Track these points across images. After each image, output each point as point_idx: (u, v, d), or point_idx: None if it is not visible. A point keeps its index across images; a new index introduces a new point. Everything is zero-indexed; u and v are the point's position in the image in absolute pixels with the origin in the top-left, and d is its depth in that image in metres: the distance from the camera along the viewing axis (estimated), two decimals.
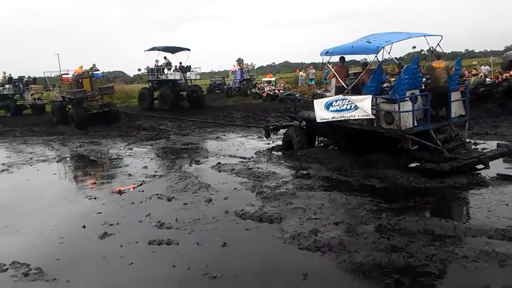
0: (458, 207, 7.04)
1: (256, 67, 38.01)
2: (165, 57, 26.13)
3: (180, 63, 26.29)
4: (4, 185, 10.42)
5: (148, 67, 26.46)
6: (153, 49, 25.38)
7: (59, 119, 21.97)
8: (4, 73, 29.40)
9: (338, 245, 5.30)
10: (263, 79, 32.03)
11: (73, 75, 21.44)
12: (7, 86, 28.97)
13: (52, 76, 23.22)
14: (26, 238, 6.59)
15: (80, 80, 20.89)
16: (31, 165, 12.26)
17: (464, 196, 7.20)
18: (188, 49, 25.72)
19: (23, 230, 6.94)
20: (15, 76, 29.45)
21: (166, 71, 25.57)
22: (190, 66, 26.16)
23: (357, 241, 5.44)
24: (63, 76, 21.80)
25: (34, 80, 29.33)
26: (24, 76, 29.74)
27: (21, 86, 28.91)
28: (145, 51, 25.54)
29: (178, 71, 25.84)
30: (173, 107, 24.47)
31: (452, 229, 5.58)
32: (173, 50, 26.21)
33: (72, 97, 20.79)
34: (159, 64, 26.01)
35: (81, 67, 22.24)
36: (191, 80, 26.56)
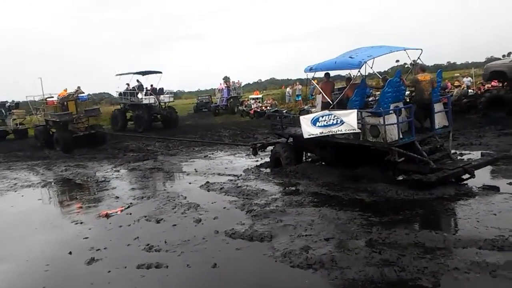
0: (447, 218, 7.08)
1: (242, 84, 38.26)
2: (137, 80, 26.34)
3: (151, 85, 26.58)
4: None
5: (118, 90, 26.65)
6: (127, 73, 25.87)
7: (43, 143, 21.69)
8: None
9: (330, 262, 5.26)
10: (250, 97, 32.20)
11: (57, 98, 21.27)
12: None
13: (36, 100, 23.00)
14: (11, 266, 6.46)
15: (65, 102, 20.72)
16: (15, 191, 12.03)
17: (452, 207, 7.24)
18: (160, 72, 26.21)
19: (8, 257, 6.80)
20: None
21: (140, 95, 25.74)
22: (162, 88, 26.53)
23: (349, 256, 5.41)
24: (47, 99, 21.59)
25: (17, 105, 29.10)
26: (6, 101, 29.42)
27: (3, 111, 28.61)
28: (116, 75, 25.97)
29: (152, 94, 25.99)
30: (147, 128, 24.67)
31: (442, 241, 5.59)
32: (145, 73, 26.49)
33: (57, 120, 20.59)
34: (131, 86, 26.17)
35: (65, 90, 22.07)
36: (165, 102, 26.72)
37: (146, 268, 5.68)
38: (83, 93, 22.32)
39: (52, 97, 21.62)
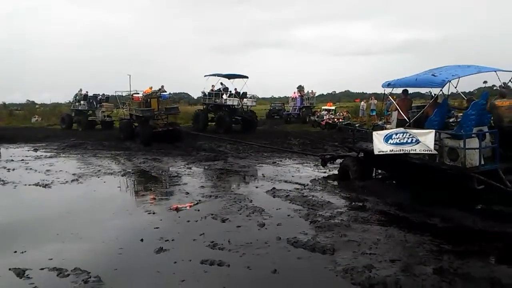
0: None
1: (316, 94, 38.03)
2: (221, 83, 27.17)
3: (235, 89, 27.19)
4: (73, 194, 11.20)
5: (204, 91, 27.58)
6: (214, 75, 26.53)
7: (125, 136, 23.29)
8: (81, 90, 32.01)
9: (394, 284, 5.06)
10: (323, 107, 31.92)
11: (142, 94, 22.80)
12: (82, 102, 31.48)
13: (123, 95, 24.86)
14: (88, 246, 6.98)
15: (149, 99, 22.14)
16: (98, 177, 13.09)
17: None
18: (246, 77, 26.71)
19: (87, 238, 7.36)
20: (90, 93, 31.97)
21: (224, 96, 26.46)
22: (246, 92, 27.01)
23: (415, 282, 5.16)
24: (133, 95, 23.27)
25: (107, 99, 31.56)
26: (98, 94, 32.13)
27: (95, 103, 31.29)
28: (205, 76, 26.84)
29: (236, 97, 26.62)
30: (228, 130, 25.26)
31: None
32: (232, 77, 27.19)
33: (140, 115, 22.07)
34: (215, 89, 26.99)
35: (150, 88, 23.65)
36: (247, 106, 27.26)
37: (209, 264, 5.89)
38: (166, 92, 23.74)
39: (138, 93, 23.24)
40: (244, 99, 27.07)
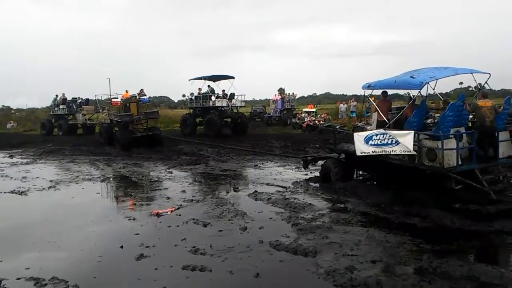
0: (506, 253, 6.63)
1: (297, 97, 38.24)
2: (208, 86, 26.88)
3: (223, 90, 26.95)
4: (50, 201, 10.94)
5: (192, 93, 27.23)
6: (199, 78, 26.19)
7: (105, 141, 22.94)
8: (63, 94, 31.50)
9: (375, 285, 5.11)
10: (304, 110, 32.13)
11: (121, 99, 22.49)
12: (61, 106, 30.95)
13: (102, 99, 24.48)
14: (66, 254, 6.82)
15: (128, 104, 21.84)
16: (77, 183, 12.83)
17: None
18: (233, 77, 26.37)
19: (65, 246, 7.19)
20: (69, 98, 31.43)
21: (213, 98, 26.17)
22: (233, 93, 26.74)
23: (396, 282, 5.22)
24: (112, 99, 22.93)
25: (87, 102, 31.07)
26: (77, 98, 31.63)
27: (74, 107, 30.83)
28: (189, 80, 26.44)
29: (225, 98, 26.44)
30: (218, 133, 24.79)
31: (499, 277, 5.24)
32: (217, 78, 26.92)
33: (119, 120, 21.76)
34: (202, 91, 26.74)
35: (127, 92, 23.36)
36: (236, 107, 27.08)
37: (191, 270, 5.82)
38: (145, 95, 23.46)
39: (117, 98, 22.92)
40: (233, 100, 26.74)
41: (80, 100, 31.30)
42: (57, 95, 31.76)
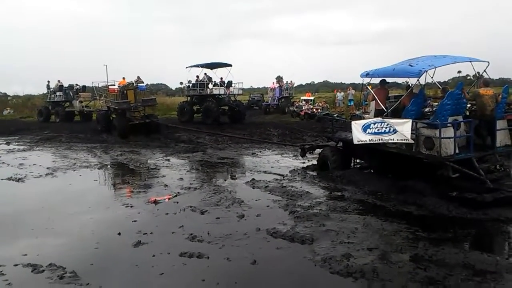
0: (501, 241, 6.68)
1: (295, 85, 38.12)
2: (205, 73, 26.73)
3: (221, 78, 26.80)
4: (48, 188, 10.93)
5: (190, 81, 27.09)
6: (196, 66, 26.02)
7: (103, 128, 22.86)
8: (59, 81, 31.21)
9: (371, 272, 5.14)
10: (302, 98, 32.02)
11: (118, 86, 22.33)
12: (58, 93, 30.73)
13: (100, 86, 24.33)
14: (64, 241, 6.84)
15: (125, 91, 21.71)
16: (74, 171, 12.81)
17: (508, 230, 6.82)
18: (230, 65, 26.23)
19: (62, 233, 7.22)
20: (65, 84, 31.20)
21: (210, 85, 26.05)
22: (231, 81, 26.61)
23: (392, 269, 5.26)
24: (109, 87, 22.76)
25: (84, 88, 30.87)
26: (74, 84, 31.39)
27: (71, 93, 30.61)
28: (186, 67, 26.29)
29: (222, 86, 26.29)
30: (215, 121, 24.82)
31: (494, 265, 5.29)
32: (215, 66, 26.76)
33: (116, 107, 21.65)
34: (200, 79, 26.60)
35: (124, 79, 23.17)
36: (234, 95, 26.98)
37: (188, 257, 5.85)
38: (143, 83, 23.30)
39: (114, 85, 22.74)
40: (230, 88, 26.64)
41: (77, 87, 31.06)
42: (48, 81, 31.58)
